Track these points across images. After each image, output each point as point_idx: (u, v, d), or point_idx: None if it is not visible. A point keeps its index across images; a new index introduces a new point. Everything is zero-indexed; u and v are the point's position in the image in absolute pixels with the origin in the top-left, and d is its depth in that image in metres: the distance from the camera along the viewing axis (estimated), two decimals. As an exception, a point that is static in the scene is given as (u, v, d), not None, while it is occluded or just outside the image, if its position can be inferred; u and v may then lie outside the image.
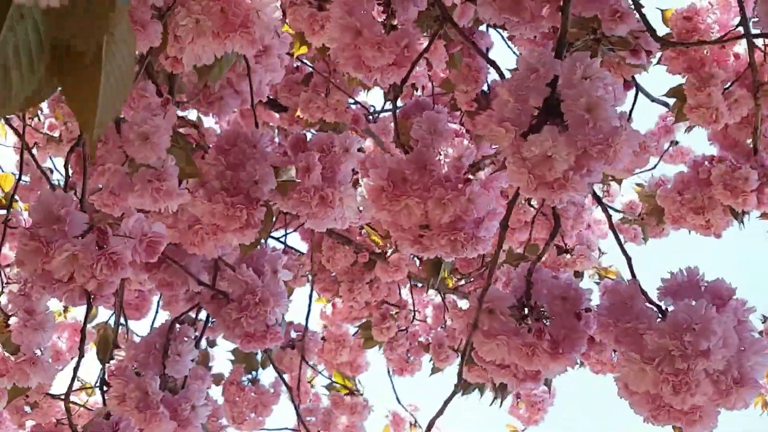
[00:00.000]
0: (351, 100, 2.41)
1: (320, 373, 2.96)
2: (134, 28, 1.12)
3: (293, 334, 2.78)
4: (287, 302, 1.47)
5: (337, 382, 2.87)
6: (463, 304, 2.99)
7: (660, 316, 1.10)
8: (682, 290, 1.12)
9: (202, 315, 1.63)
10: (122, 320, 2.33)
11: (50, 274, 1.12)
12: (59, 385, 2.82)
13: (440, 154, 1.14)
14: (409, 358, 2.85)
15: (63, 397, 1.46)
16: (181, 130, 1.41)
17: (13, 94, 0.60)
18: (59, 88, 0.64)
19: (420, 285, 2.93)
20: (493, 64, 1.22)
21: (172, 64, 1.35)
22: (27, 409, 2.73)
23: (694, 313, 1.03)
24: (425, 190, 1.11)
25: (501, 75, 1.18)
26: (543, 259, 2.39)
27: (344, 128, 2.35)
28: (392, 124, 1.86)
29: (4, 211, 2.48)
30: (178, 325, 1.48)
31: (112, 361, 1.45)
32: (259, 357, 2.63)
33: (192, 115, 1.74)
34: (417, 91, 2.40)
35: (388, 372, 2.90)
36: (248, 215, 1.27)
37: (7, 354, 1.40)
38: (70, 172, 1.38)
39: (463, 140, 1.13)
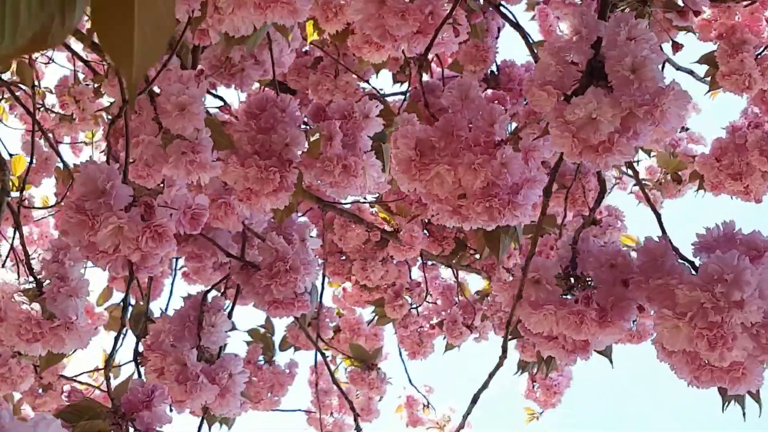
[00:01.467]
0: (362, 83, 2.38)
1: (330, 351, 2.95)
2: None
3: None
4: (317, 270, 1.46)
5: (354, 358, 2.85)
6: (474, 279, 3.00)
7: (693, 271, 1.05)
8: (717, 244, 1.06)
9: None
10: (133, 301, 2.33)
11: (95, 246, 1.11)
12: (71, 368, 2.83)
13: (470, 121, 1.11)
14: (421, 341, 2.83)
15: (104, 367, 1.46)
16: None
17: (19, 30, 0.56)
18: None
19: (431, 263, 2.92)
20: (518, 28, 1.19)
21: (199, 37, 1.33)
22: (40, 391, 2.74)
23: (726, 263, 0.98)
24: (454, 156, 1.08)
25: (526, 40, 1.16)
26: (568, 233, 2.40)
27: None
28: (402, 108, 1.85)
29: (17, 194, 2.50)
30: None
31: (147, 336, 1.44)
32: (276, 340, 2.65)
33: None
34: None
35: (400, 354, 2.89)
36: (281, 177, 1.27)
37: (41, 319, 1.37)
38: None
39: (497, 106, 1.09)
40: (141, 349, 1.45)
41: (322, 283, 2.70)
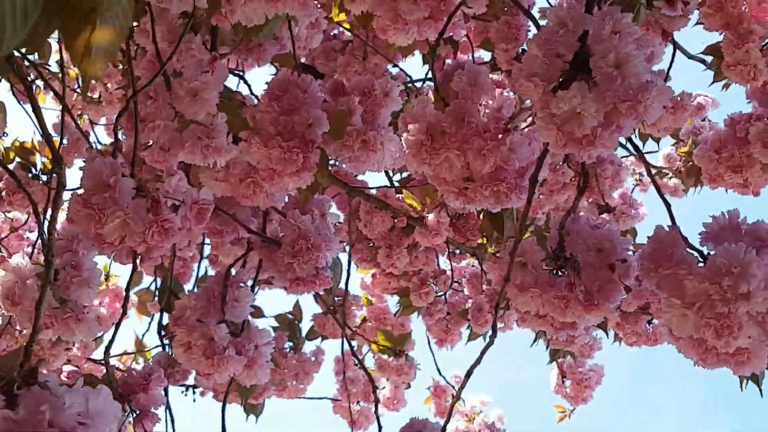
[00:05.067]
0: (391, 66, 2.46)
1: (356, 340, 3.03)
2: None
3: (335, 299, 2.81)
4: (338, 246, 1.53)
5: (382, 344, 2.94)
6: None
7: (702, 261, 1.12)
8: (723, 234, 1.12)
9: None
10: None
11: (102, 236, 1.19)
12: (101, 351, 2.95)
13: (480, 106, 1.19)
14: (449, 329, 2.90)
15: (104, 354, 1.55)
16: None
17: (7, 37, 0.70)
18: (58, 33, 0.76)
19: (459, 252, 2.98)
20: (528, 14, 1.25)
21: (217, 18, 1.39)
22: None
23: (733, 256, 1.05)
24: (464, 142, 1.16)
25: (537, 27, 1.22)
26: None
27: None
28: (431, 95, 1.90)
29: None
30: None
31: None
32: (304, 330, 2.76)
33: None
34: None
35: (429, 344, 2.96)
36: (304, 158, 1.32)
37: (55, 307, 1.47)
38: (119, 133, 1.44)
39: (504, 91, 1.18)
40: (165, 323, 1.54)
41: (348, 270, 2.78)
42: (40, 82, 2.94)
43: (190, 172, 1.48)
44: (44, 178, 2.66)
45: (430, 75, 2.53)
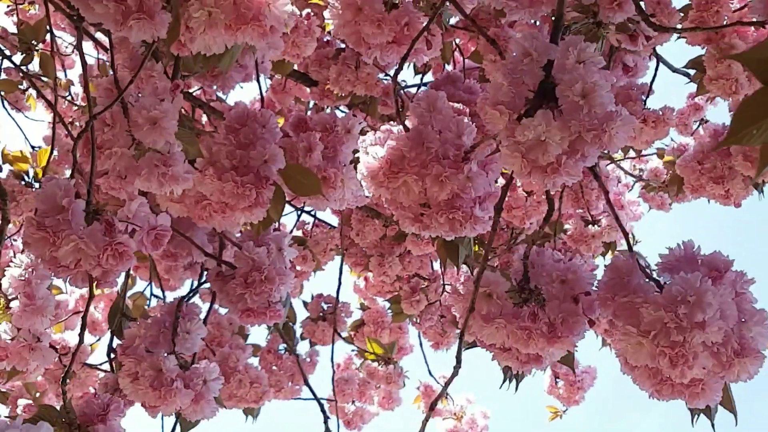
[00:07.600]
0: (383, 75, 2.40)
1: (353, 344, 2.99)
2: (141, 17, 1.14)
3: (324, 306, 2.82)
4: (292, 281, 1.49)
5: (371, 352, 2.88)
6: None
7: (658, 290, 1.09)
8: (679, 264, 1.11)
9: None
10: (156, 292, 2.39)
11: (57, 260, 1.16)
12: (98, 355, 2.91)
13: (439, 132, 1.14)
14: (444, 332, 2.84)
15: (61, 383, 1.51)
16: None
17: None
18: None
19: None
20: (493, 42, 1.22)
21: (178, 47, 1.36)
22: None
23: (689, 285, 1.03)
24: (423, 167, 1.12)
25: (501, 54, 1.17)
26: (569, 232, 2.40)
27: (375, 101, 2.36)
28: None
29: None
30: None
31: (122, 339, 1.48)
32: (298, 329, 2.71)
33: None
34: (448, 64, 2.40)
35: (420, 344, 2.91)
36: (257, 194, 1.28)
37: (7, 338, 1.46)
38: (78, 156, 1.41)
39: (464, 118, 1.13)
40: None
41: (339, 277, 2.76)
42: (32, 91, 2.89)
43: (148, 193, 1.44)
44: (37, 186, 2.58)
45: (424, 82, 2.49)
